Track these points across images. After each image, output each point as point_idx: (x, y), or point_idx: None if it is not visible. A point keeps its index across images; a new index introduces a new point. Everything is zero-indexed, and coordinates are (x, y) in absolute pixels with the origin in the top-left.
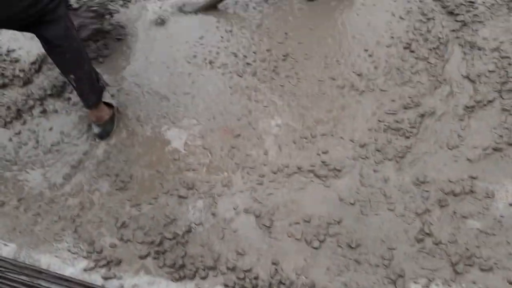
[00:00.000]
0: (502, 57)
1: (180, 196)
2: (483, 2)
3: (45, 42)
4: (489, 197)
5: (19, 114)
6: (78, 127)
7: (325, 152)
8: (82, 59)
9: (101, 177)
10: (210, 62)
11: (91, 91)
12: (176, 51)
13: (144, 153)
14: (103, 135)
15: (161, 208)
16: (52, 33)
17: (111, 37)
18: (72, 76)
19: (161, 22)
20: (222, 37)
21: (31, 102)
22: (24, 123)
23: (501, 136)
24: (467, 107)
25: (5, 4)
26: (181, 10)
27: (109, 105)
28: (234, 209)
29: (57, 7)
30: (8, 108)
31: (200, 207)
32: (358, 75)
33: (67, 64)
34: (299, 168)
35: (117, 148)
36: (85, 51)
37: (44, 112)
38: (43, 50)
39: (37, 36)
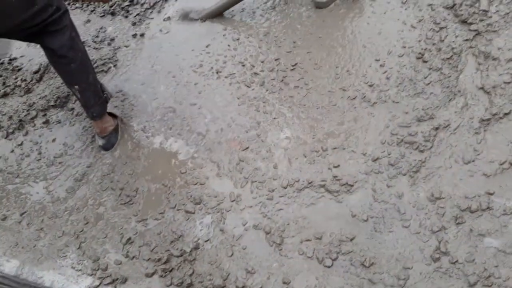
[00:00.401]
0: None
1: (187, 211)
2: (497, 11)
3: (50, 52)
4: (507, 214)
5: (21, 124)
6: (82, 138)
7: (336, 166)
8: (87, 69)
9: (106, 190)
10: (217, 72)
11: (95, 103)
12: (182, 60)
13: (150, 166)
14: (108, 147)
15: (168, 224)
16: (57, 44)
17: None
18: (76, 87)
19: (166, 31)
20: (229, 45)
21: (33, 113)
22: (27, 134)
23: None
24: (483, 120)
25: (4, 16)
26: (186, 17)
27: (113, 115)
28: (243, 225)
29: (61, 17)
30: (10, 118)
31: (208, 223)
32: (370, 86)
33: (72, 75)
34: (310, 183)
35: (122, 160)
36: (90, 62)
37: (47, 122)
38: (45, 59)
39: (41, 47)
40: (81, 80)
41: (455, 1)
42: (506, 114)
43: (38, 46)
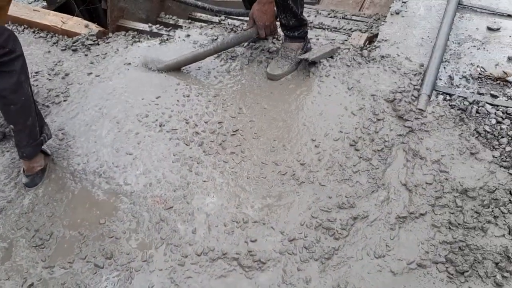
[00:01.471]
0: (441, 171)
1: (96, 265)
2: (433, 112)
3: None
4: None
5: None
6: (8, 171)
7: (253, 241)
8: (27, 113)
9: (21, 230)
10: (161, 125)
11: (28, 144)
12: (130, 107)
13: (71, 211)
14: (30, 186)
15: (74, 275)
16: (1, 85)
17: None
18: (12, 126)
19: (122, 75)
20: (178, 100)
21: None
22: None
23: (427, 252)
24: (400, 217)
25: None
26: (145, 65)
27: (46, 154)
28: None
29: (13, 60)
30: None
31: (114, 281)
32: (301, 164)
33: (9, 114)
34: (224, 254)
35: (44, 200)
36: (34, 106)
37: None
38: None
39: None
40: (18, 122)
41: (395, 95)
42: (422, 214)
43: None
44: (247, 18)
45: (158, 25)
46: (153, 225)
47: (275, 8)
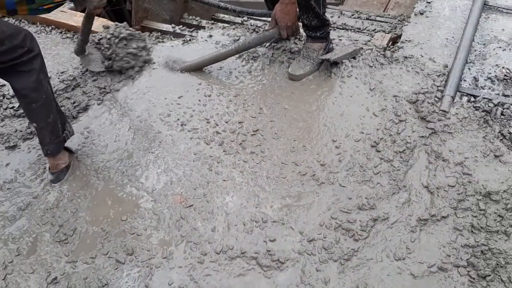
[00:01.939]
0: (464, 174)
1: (117, 261)
2: (456, 114)
3: (14, 90)
4: None
5: None
6: (34, 167)
7: (272, 240)
8: (48, 111)
9: (45, 225)
10: (182, 124)
11: (51, 141)
12: (153, 106)
13: (94, 207)
14: (55, 182)
15: (96, 270)
16: (21, 85)
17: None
18: (34, 124)
19: (149, 75)
20: (199, 100)
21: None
22: None
23: (448, 255)
24: (421, 219)
25: None
26: (169, 66)
27: (70, 151)
28: (169, 284)
29: (32, 59)
30: None
31: (135, 276)
32: (322, 165)
33: (31, 113)
34: (243, 253)
35: (69, 197)
36: (54, 103)
37: (11, 147)
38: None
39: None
40: (40, 120)
41: (418, 97)
42: (443, 217)
43: None
44: (269, 19)
45: (181, 26)
46: (173, 223)
47: (297, 9)
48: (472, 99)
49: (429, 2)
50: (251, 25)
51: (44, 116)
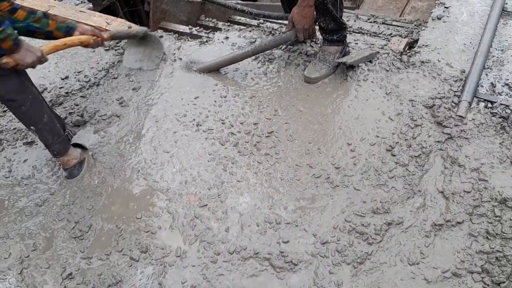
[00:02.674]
0: (480, 180)
1: (132, 258)
2: (473, 119)
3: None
4: None
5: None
6: (51, 164)
7: (285, 242)
8: (39, 111)
9: (62, 221)
10: (198, 124)
11: (54, 142)
12: (170, 107)
13: (110, 204)
14: (69, 178)
15: (111, 267)
16: (3, 88)
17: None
18: (32, 127)
19: (170, 75)
20: (215, 101)
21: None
22: (3, 150)
23: (463, 261)
24: (435, 224)
25: None
26: (188, 67)
27: (83, 148)
28: (182, 283)
29: None
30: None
31: (148, 274)
32: (336, 168)
33: (25, 117)
34: (256, 254)
35: (85, 194)
36: (43, 103)
37: (28, 144)
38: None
39: None
40: (36, 121)
41: (435, 101)
42: (458, 223)
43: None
44: (285, 22)
45: (198, 27)
46: (187, 222)
47: (314, 12)
48: (489, 105)
49: (447, 7)
50: (267, 28)
51: (38, 117)
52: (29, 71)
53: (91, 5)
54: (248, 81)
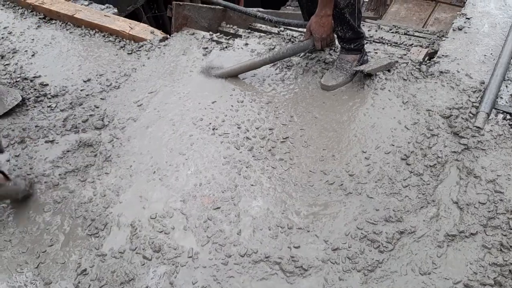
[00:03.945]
0: (496, 191)
1: (145, 257)
2: (491, 131)
3: None
4: None
5: (22, 140)
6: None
7: (296, 247)
8: None
9: (79, 218)
10: (213, 128)
11: None
12: (187, 111)
13: (125, 204)
14: None
15: (123, 265)
16: None
17: None
18: None
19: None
20: (232, 106)
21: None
22: (25, 147)
23: (475, 273)
24: (449, 235)
25: None
26: (206, 71)
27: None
28: (192, 283)
29: None
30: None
31: (160, 273)
32: (350, 175)
33: None
34: (267, 257)
35: (101, 193)
36: None
37: (51, 142)
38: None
39: None
40: None
41: (452, 112)
42: (472, 234)
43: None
44: (305, 30)
45: (218, 34)
46: (200, 224)
47: (332, 21)
48: (508, 116)
49: (468, 18)
50: (287, 35)
51: None
52: (53, 71)
53: (116, 10)
54: (265, 87)
